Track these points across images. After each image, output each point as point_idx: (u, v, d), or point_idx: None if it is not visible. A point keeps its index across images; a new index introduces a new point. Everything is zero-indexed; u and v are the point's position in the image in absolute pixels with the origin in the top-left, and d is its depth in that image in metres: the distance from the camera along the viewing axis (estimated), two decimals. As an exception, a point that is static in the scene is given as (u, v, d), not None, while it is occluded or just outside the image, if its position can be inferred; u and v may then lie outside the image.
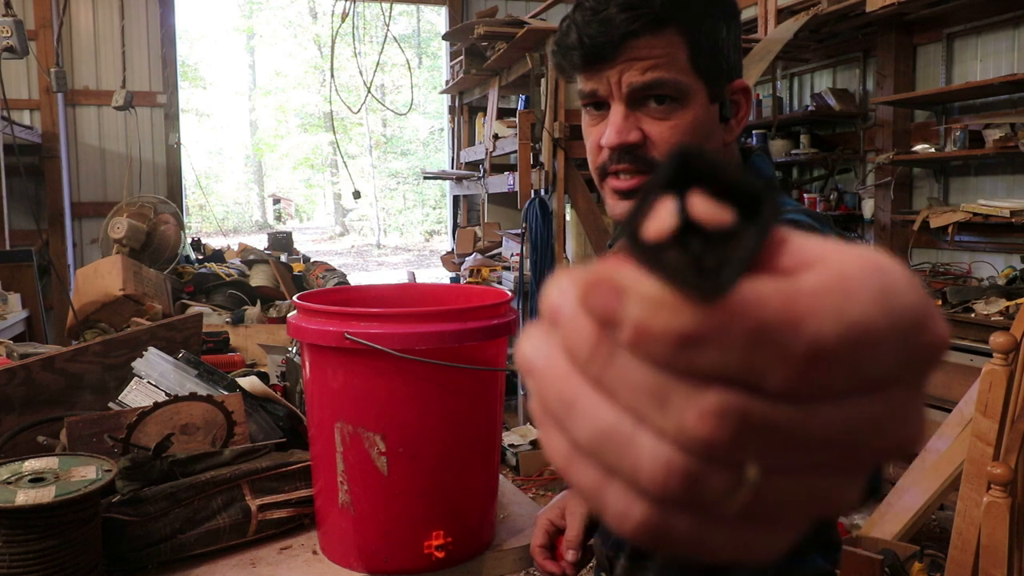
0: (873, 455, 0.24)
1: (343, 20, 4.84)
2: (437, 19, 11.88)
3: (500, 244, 6.09)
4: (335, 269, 5.32)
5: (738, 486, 0.23)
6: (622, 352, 0.23)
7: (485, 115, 5.84)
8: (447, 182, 7.20)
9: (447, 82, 6.62)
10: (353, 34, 5.33)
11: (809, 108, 5.26)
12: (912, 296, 0.23)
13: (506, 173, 5.00)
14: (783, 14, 4.68)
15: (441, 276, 7.15)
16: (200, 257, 5.36)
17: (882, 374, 0.22)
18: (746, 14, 5.00)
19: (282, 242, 5.89)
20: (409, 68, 6.83)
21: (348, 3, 4.84)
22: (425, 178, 7.90)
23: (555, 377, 0.25)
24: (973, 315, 3.62)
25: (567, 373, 0.24)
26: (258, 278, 4.50)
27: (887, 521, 2.71)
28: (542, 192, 4.19)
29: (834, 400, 0.22)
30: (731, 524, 0.23)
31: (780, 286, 0.22)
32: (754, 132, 5.46)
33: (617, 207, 0.90)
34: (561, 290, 0.24)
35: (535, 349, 0.25)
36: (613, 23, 0.82)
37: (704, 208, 0.23)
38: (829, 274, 0.22)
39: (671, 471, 0.22)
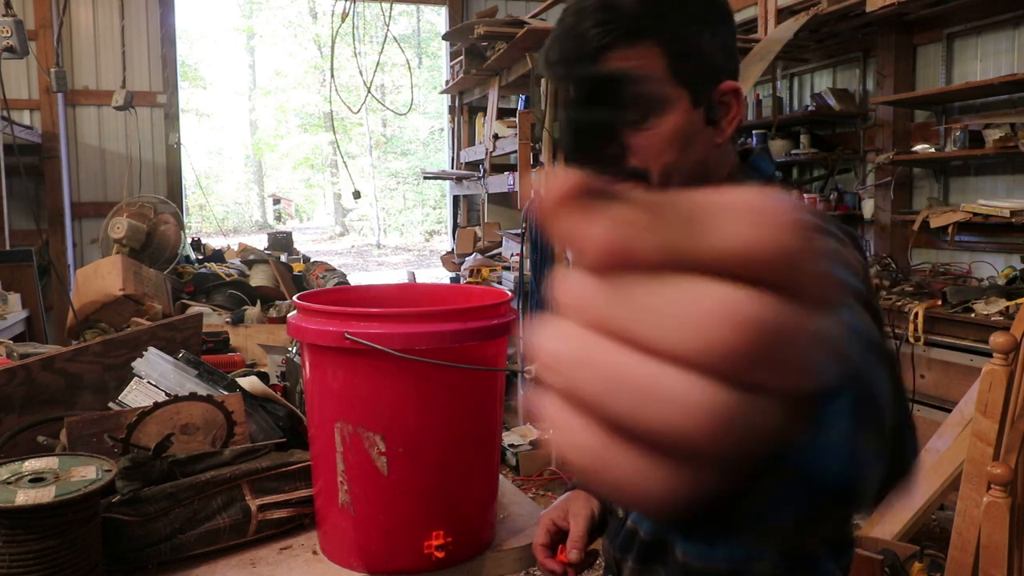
0: None
1: (343, 20, 4.84)
2: (437, 19, 11.86)
3: (500, 244, 6.08)
4: (335, 269, 5.31)
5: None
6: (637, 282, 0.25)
7: (485, 115, 5.84)
8: (447, 182, 7.20)
9: (447, 82, 6.61)
10: (353, 34, 5.32)
11: (809, 108, 5.25)
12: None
13: (506, 173, 5.00)
14: (783, 14, 4.67)
15: (441, 276, 7.14)
16: (200, 257, 5.35)
17: None
18: (746, 14, 4.99)
19: (282, 242, 5.88)
20: (409, 68, 6.84)
21: (348, 3, 4.84)
22: (425, 178, 7.90)
23: (585, 351, 0.26)
24: (973, 315, 3.62)
25: (595, 345, 0.25)
26: (258, 278, 4.50)
27: (887, 521, 2.71)
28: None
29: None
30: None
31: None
32: (754, 132, 5.45)
33: None
34: (569, 281, 0.26)
35: (557, 337, 0.26)
36: (586, 38, 0.84)
37: None
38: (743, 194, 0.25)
39: (713, 413, 0.24)
